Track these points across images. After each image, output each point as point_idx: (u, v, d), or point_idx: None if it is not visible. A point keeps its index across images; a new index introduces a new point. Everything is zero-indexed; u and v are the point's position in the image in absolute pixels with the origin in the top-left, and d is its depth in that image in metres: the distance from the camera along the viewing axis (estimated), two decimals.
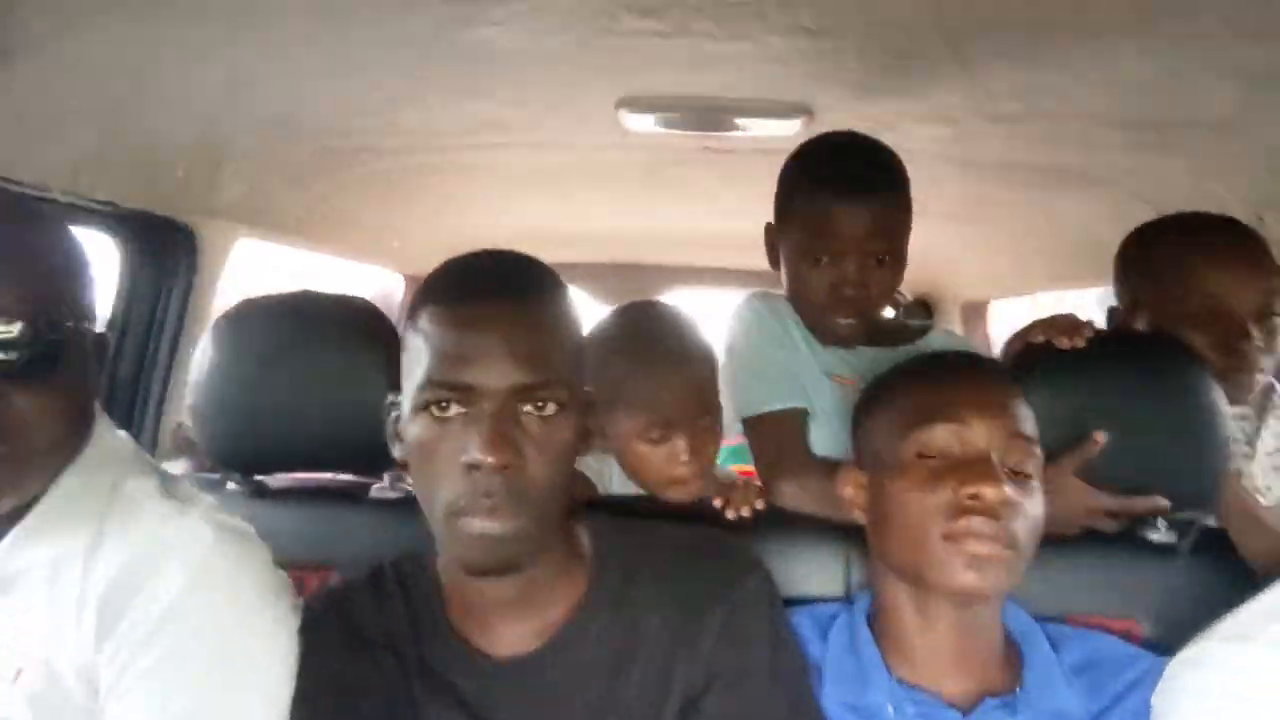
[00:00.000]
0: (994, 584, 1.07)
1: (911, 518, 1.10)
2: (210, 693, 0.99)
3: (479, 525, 0.96)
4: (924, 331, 1.68)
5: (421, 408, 0.98)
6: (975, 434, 1.09)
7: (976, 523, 1.05)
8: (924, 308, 3.56)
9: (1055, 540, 1.22)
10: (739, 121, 1.68)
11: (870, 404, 1.24)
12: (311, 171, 2.06)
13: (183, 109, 1.62)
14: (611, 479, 1.64)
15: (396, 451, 1.07)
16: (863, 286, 1.50)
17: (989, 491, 1.05)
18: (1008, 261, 2.90)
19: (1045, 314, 1.43)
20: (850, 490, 1.21)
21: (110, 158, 1.60)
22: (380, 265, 3.07)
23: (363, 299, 1.48)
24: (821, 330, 1.59)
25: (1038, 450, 1.12)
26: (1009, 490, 1.05)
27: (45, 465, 1.01)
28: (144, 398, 1.96)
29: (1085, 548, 1.32)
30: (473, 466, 0.94)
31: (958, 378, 1.16)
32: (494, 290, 1.00)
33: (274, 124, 1.80)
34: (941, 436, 1.10)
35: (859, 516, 1.21)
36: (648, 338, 1.50)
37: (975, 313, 3.38)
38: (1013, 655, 1.17)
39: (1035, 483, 1.11)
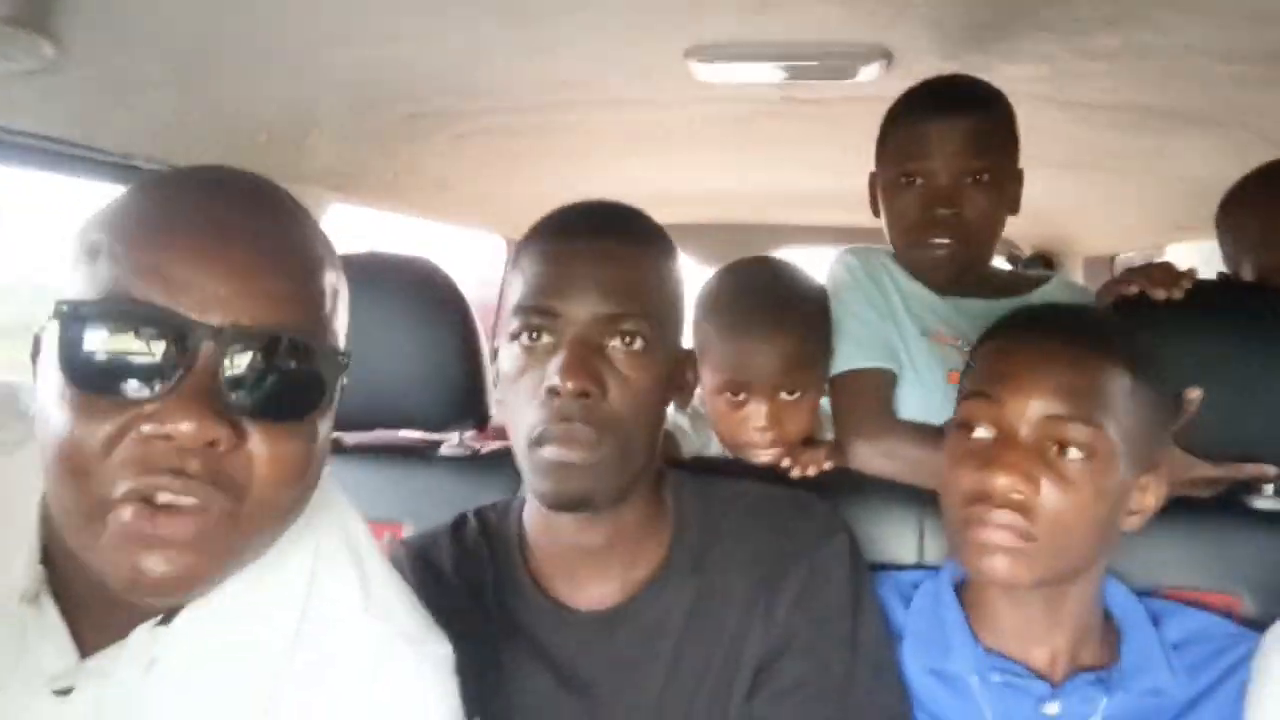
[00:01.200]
0: (1012, 574, 1.00)
1: (946, 495, 1.07)
2: None
3: (557, 453, 0.97)
4: (1040, 282, 1.59)
5: (512, 337, 1.02)
6: (1008, 414, 1.02)
7: (985, 512, 1.00)
8: (1044, 262, 3.39)
9: None
10: (813, 68, 1.61)
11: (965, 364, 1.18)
12: (397, 136, 2.09)
13: (263, 74, 1.65)
14: (709, 446, 1.63)
15: (496, 394, 1.10)
16: (957, 205, 1.43)
17: (1000, 482, 0.99)
18: (1131, 212, 2.72)
19: None
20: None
21: (192, 123, 1.64)
22: (478, 228, 3.11)
23: (429, 260, 1.49)
24: (917, 264, 1.52)
25: (1102, 429, 1.00)
26: (1024, 482, 0.98)
27: (273, 533, 0.78)
28: None
29: (1182, 516, 1.22)
30: (553, 391, 0.96)
31: (1009, 346, 1.07)
32: (589, 229, 1.03)
33: (360, 87, 1.82)
34: (978, 412, 1.05)
35: None
36: (739, 298, 1.47)
37: (1099, 268, 3.19)
38: (1112, 632, 1.11)
39: (1101, 466, 1.00)
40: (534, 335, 1.00)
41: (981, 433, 1.04)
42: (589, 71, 1.72)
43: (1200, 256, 2.54)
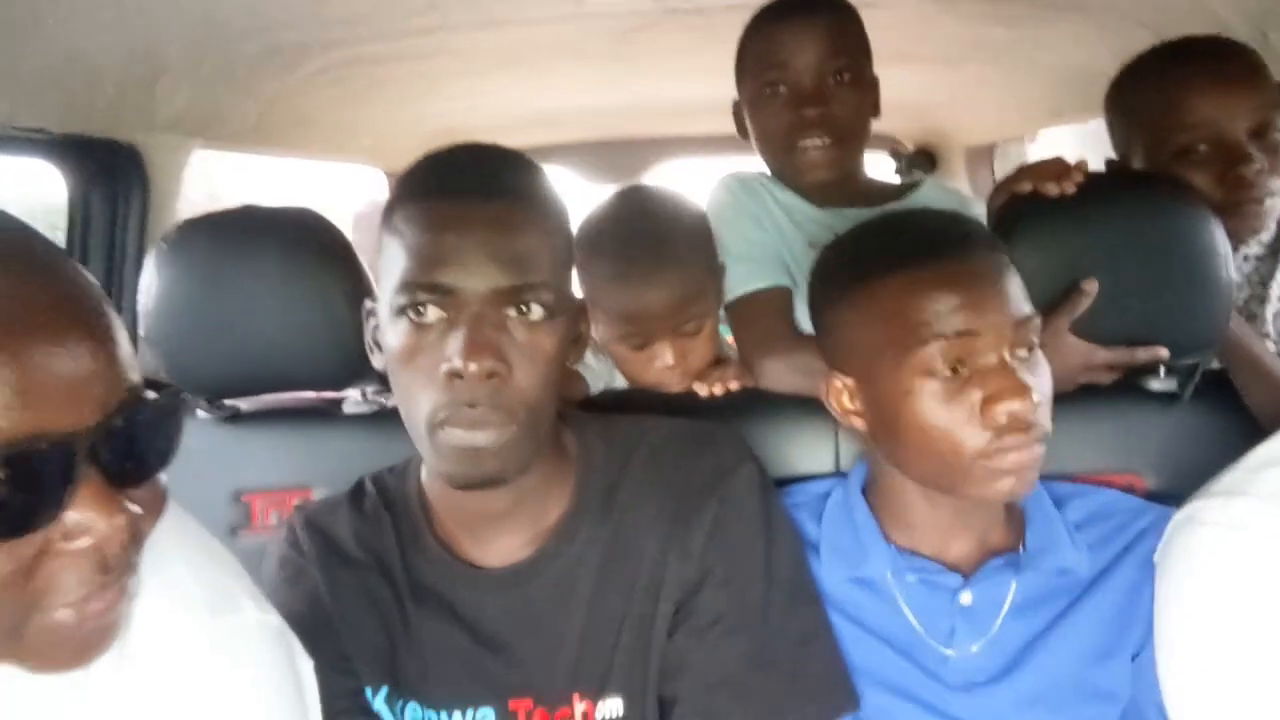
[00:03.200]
0: (1032, 480, 1.01)
1: (934, 441, 1.01)
2: None
3: (463, 437, 0.92)
4: (911, 188, 1.61)
5: (399, 312, 0.93)
6: (985, 342, 0.98)
7: (1014, 440, 0.98)
8: (926, 157, 3.44)
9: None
10: None
11: (835, 299, 1.10)
12: (258, 73, 1.95)
13: (103, 18, 1.51)
14: (615, 379, 1.61)
15: (376, 361, 1.03)
16: (824, 104, 1.45)
17: (1019, 406, 0.96)
18: (1008, 101, 2.75)
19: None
20: (845, 400, 1.11)
21: (30, 78, 1.49)
22: (354, 162, 2.98)
23: (309, 209, 1.40)
24: (794, 172, 1.53)
25: (1037, 322, 1.02)
26: (1034, 393, 0.97)
27: None
28: None
29: (1083, 402, 1.27)
30: (455, 375, 0.90)
31: (944, 271, 1.00)
32: (474, 186, 0.94)
33: (207, 26, 1.69)
34: (949, 353, 0.99)
35: (858, 425, 1.11)
36: (627, 243, 1.41)
37: (980, 157, 3.25)
38: (1016, 515, 1.15)
39: (1042, 357, 1.03)
40: (421, 310, 0.92)
41: (963, 368, 1.00)
42: None
43: (1076, 139, 2.61)
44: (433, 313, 0.92)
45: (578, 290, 1.08)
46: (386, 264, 0.96)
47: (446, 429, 0.92)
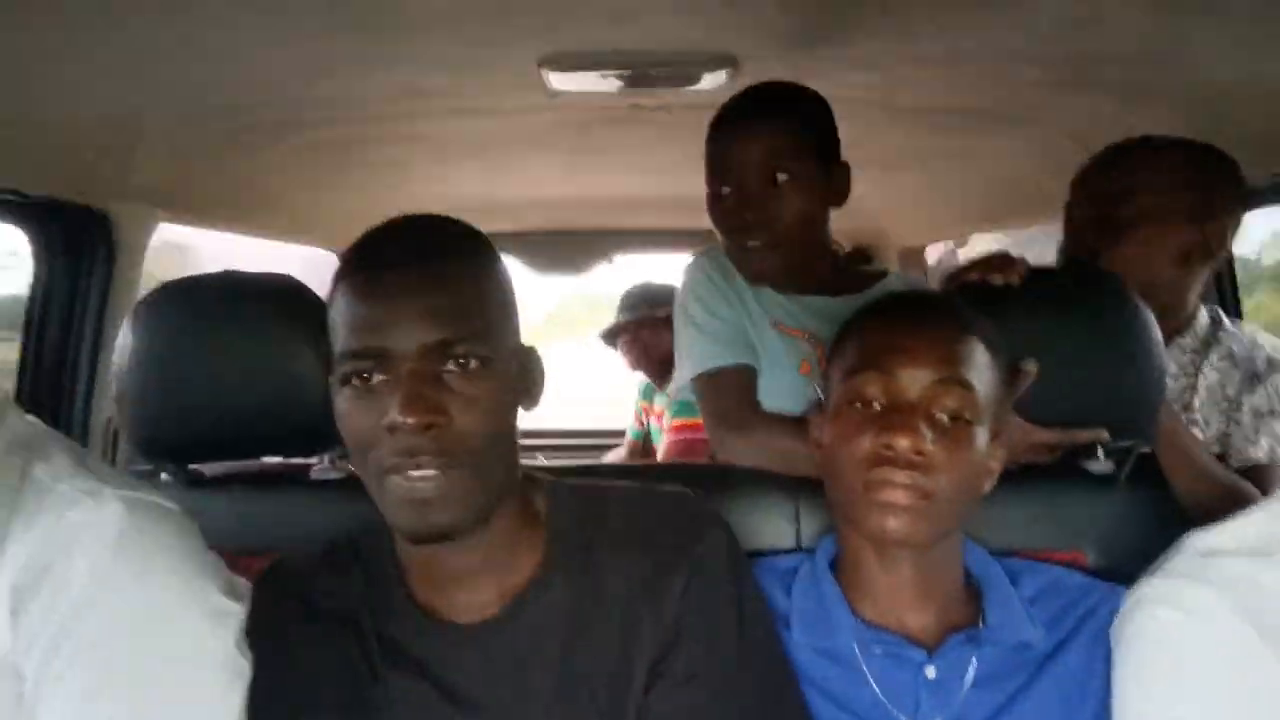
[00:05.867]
0: (913, 532, 1.08)
1: (840, 466, 1.12)
2: (134, 691, 0.91)
3: (408, 487, 0.95)
4: (878, 277, 1.68)
5: (344, 381, 0.97)
6: (901, 383, 1.10)
7: (889, 473, 1.07)
8: (863, 256, 3.57)
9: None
10: (663, 74, 1.66)
11: (831, 350, 1.24)
12: (230, 150, 1.99)
13: (85, 89, 1.54)
14: None
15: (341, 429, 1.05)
16: (763, 208, 1.50)
17: (902, 442, 1.06)
18: (942, 206, 2.91)
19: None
20: (816, 431, 1.21)
21: (9, 143, 1.52)
22: (314, 244, 2.99)
23: (288, 276, 1.43)
24: (745, 268, 1.58)
25: (975, 394, 1.10)
26: (926, 441, 1.06)
27: None
28: (69, 394, 1.88)
29: (1027, 482, 1.34)
30: (394, 428, 0.93)
31: (891, 324, 1.16)
32: (400, 255, 0.98)
33: (185, 102, 1.73)
34: (869, 386, 1.11)
35: (818, 460, 1.20)
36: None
37: (912, 258, 3.41)
38: (974, 592, 1.20)
39: (975, 428, 1.10)
40: (365, 377, 0.96)
41: (873, 403, 1.11)
42: (437, 81, 1.70)
43: (999, 246, 2.76)
44: (376, 377, 0.96)
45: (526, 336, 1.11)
46: (333, 339, 1.01)
47: (392, 477, 0.95)
